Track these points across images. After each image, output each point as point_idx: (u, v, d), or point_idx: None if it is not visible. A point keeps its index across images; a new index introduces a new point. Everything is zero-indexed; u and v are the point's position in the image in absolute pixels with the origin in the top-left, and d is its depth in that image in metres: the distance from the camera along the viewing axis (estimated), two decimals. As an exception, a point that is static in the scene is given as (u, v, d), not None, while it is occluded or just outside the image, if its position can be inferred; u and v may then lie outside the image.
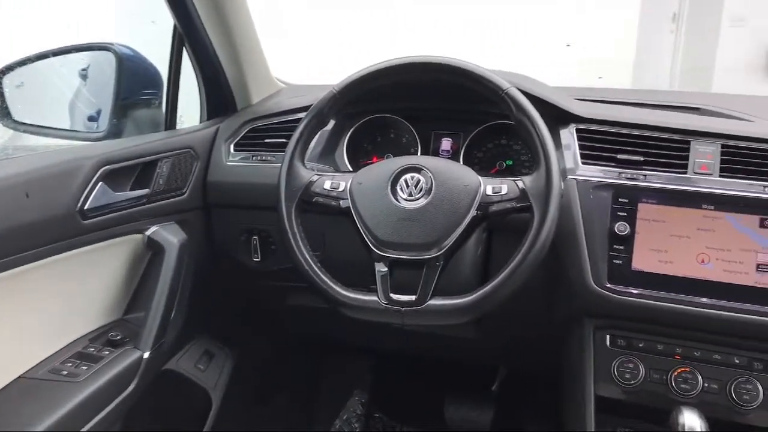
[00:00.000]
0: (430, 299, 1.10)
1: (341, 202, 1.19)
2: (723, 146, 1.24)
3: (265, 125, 1.55)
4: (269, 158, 1.49)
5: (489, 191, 1.14)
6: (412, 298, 1.11)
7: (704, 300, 1.17)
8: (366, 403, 1.98)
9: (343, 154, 1.49)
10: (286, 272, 1.42)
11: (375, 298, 1.13)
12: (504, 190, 1.14)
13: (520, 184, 1.14)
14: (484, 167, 1.46)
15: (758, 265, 1.15)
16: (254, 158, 1.51)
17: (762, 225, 1.16)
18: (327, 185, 1.21)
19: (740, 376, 1.17)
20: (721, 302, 1.16)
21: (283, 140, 1.46)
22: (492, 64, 1.23)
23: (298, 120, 1.27)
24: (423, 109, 1.48)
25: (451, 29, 6.51)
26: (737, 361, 1.19)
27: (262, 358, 1.97)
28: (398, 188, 1.17)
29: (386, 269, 1.13)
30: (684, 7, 7.96)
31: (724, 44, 7.67)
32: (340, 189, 1.20)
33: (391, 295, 1.12)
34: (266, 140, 1.52)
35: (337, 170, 1.44)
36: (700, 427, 1.10)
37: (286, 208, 1.20)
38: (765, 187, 1.18)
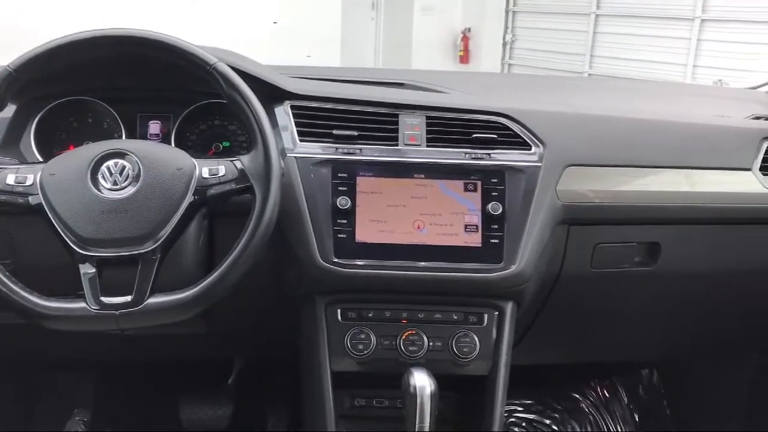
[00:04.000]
0: (148, 298, 1.00)
1: (30, 198, 1.03)
2: (427, 117, 1.30)
3: None
4: None
5: (205, 174, 1.07)
6: (128, 299, 1.00)
7: (424, 264, 1.22)
8: (89, 421, 1.78)
9: (30, 144, 1.29)
10: None
11: (83, 304, 0.99)
12: (222, 172, 1.07)
13: (239, 164, 1.08)
14: (199, 150, 1.37)
15: (466, 226, 1.24)
16: None
17: (466, 189, 1.25)
18: (10, 180, 1.03)
19: (459, 330, 1.26)
20: (438, 264, 1.22)
21: None
22: (196, 41, 1.15)
23: None
24: (125, 89, 1.34)
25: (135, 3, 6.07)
26: (455, 318, 1.26)
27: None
28: (100, 177, 1.04)
29: (94, 270, 1.00)
30: (380, -4, 8.55)
31: (418, 28, 8.38)
32: (28, 183, 1.03)
33: (102, 298, 0.99)
34: None
35: (24, 162, 1.24)
36: (429, 385, 1.15)
37: None
38: (466, 153, 1.27)
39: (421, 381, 1.15)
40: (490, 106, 1.33)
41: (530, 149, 1.29)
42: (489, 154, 1.27)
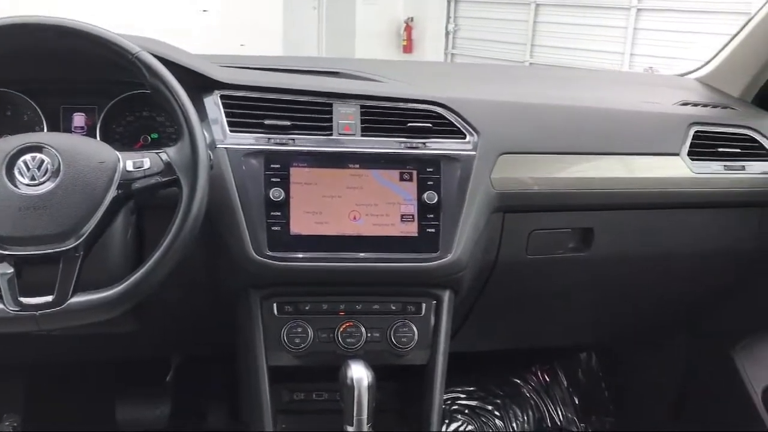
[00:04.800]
0: (71, 297, 0.96)
1: None
2: (362, 107, 1.29)
3: None
4: None
5: (130, 167, 1.03)
6: (49, 299, 0.96)
7: (360, 255, 1.21)
8: (19, 425, 1.71)
9: None
10: None
11: (0, 306, 0.95)
12: (147, 165, 1.03)
13: (164, 156, 1.05)
14: (126, 143, 1.32)
15: (402, 216, 1.23)
16: None
17: (402, 179, 1.24)
18: None
19: (397, 321, 1.25)
20: (374, 254, 1.21)
21: None
22: (121, 30, 1.11)
23: None
24: (47, 80, 1.29)
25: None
26: (394, 308, 1.26)
27: None
28: (16, 172, 0.99)
29: (12, 270, 0.96)
30: (322, -14, 8.48)
31: (360, 18, 8.35)
32: None
33: (22, 299, 0.95)
34: None
35: None
36: (367, 377, 1.15)
37: None
38: (401, 142, 1.26)
39: (358, 373, 1.14)
40: (424, 95, 1.32)
41: (465, 138, 1.29)
42: (424, 143, 1.26)
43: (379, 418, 1.21)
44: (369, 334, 1.24)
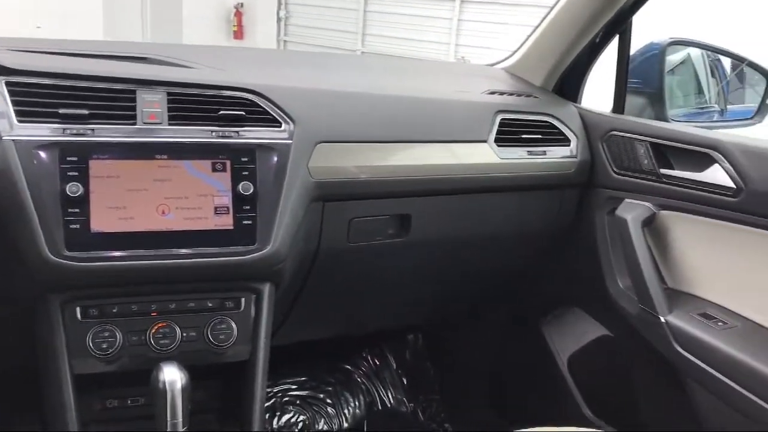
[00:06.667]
0: None
1: None
2: (169, 94, 1.22)
3: None
4: None
5: None
6: None
7: (171, 251, 1.15)
8: None
9: None
10: None
11: None
12: None
13: None
14: None
15: (216, 209, 1.18)
16: None
17: (214, 169, 1.19)
18: None
19: (215, 318, 1.21)
20: (188, 250, 1.16)
21: None
22: None
23: None
24: None
25: None
26: (211, 305, 1.21)
27: None
28: None
29: None
30: (146, -34, 8.04)
31: (188, 2, 8.02)
32: None
33: None
34: None
35: None
36: (180, 379, 1.10)
37: None
38: (212, 132, 1.21)
39: (171, 375, 1.09)
40: (236, 82, 1.28)
41: (280, 126, 1.26)
42: (237, 132, 1.23)
43: (199, 419, 1.16)
44: (184, 334, 1.18)
